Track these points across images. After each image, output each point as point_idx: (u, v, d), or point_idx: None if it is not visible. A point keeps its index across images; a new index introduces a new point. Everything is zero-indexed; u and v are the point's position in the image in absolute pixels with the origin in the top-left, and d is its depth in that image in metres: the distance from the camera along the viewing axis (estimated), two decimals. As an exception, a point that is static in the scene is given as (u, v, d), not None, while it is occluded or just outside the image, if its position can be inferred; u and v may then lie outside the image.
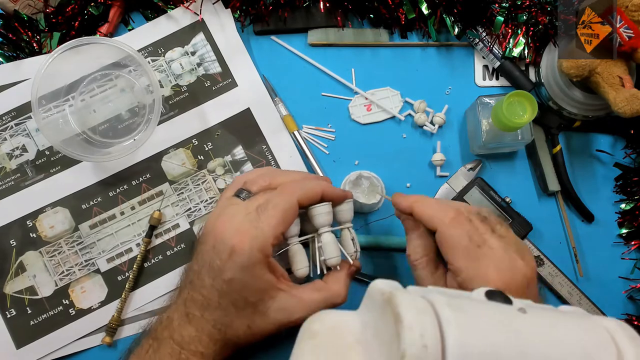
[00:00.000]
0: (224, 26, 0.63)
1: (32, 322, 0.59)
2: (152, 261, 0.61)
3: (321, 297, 0.48)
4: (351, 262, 0.51)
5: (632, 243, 0.63)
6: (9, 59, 0.61)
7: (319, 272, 0.52)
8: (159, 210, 0.61)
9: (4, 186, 0.61)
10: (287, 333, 0.48)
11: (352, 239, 0.53)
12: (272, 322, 0.46)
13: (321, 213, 0.50)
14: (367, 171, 0.60)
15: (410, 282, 0.63)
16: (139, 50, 0.63)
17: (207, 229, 0.48)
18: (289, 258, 0.51)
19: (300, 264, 0.50)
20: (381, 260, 0.62)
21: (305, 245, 0.53)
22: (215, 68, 0.63)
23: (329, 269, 0.52)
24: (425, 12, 0.61)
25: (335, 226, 0.53)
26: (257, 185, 0.51)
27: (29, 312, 0.59)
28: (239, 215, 0.47)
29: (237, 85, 0.63)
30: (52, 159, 0.61)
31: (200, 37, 0.63)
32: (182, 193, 0.62)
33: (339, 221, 0.53)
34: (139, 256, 0.60)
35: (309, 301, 0.47)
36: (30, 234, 0.60)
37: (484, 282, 0.42)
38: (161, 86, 0.63)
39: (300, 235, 0.52)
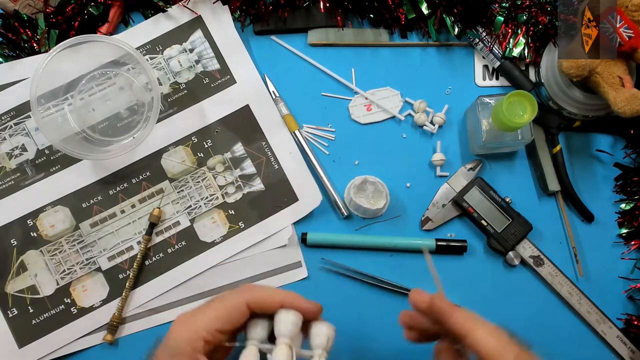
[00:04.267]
0: (221, 23, 0.63)
1: (34, 321, 0.59)
2: (153, 259, 0.61)
3: None
4: None
5: (632, 243, 0.63)
6: (8, 59, 0.61)
7: None
8: (159, 208, 0.61)
9: (4, 186, 0.61)
10: None
11: None
12: None
13: (281, 321, 0.42)
14: (372, 176, 0.60)
15: (412, 282, 0.62)
16: (137, 48, 0.63)
17: None
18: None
19: None
20: (383, 260, 0.62)
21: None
22: (214, 65, 0.63)
23: None
24: (425, 12, 0.61)
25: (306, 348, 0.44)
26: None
27: (31, 311, 0.60)
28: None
29: (235, 82, 0.63)
30: (51, 158, 0.61)
31: (198, 34, 0.63)
32: (182, 190, 0.62)
33: (310, 345, 0.43)
34: (139, 254, 0.60)
35: None
36: (31, 233, 0.61)
37: None
38: (160, 84, 0.63)
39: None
